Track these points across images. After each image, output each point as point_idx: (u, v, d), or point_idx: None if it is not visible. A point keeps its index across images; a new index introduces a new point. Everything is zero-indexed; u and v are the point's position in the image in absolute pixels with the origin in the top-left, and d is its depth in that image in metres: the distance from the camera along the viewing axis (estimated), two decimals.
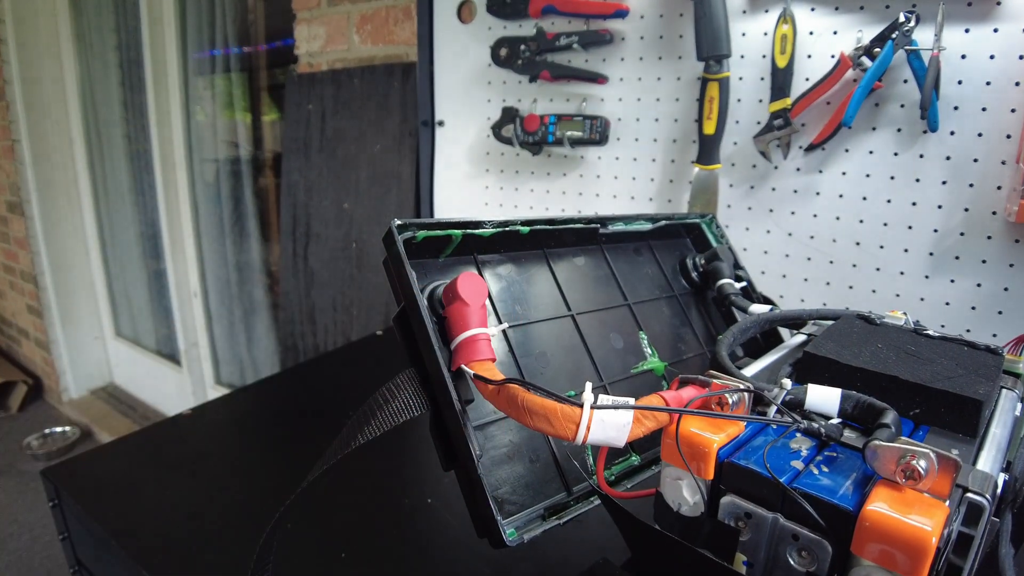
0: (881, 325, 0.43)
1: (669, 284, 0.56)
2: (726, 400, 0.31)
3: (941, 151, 0.70)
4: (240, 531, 0.51)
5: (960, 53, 0.67)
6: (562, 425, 0.29)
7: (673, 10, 0.85)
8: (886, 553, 0.24)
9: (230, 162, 2.06)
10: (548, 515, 0.37)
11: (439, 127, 1.12)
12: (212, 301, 2.23)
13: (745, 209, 0.85)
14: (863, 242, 0.77)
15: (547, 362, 0.42)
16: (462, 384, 0.33)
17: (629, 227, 0.53)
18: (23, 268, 2.57)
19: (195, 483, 0.58)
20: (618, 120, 0.93)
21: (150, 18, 2.02)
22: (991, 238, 0.69)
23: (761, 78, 0.80)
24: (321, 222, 1.42)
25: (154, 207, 2.25)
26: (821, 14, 0.75)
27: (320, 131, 1.39)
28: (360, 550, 0.48)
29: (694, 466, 0.30)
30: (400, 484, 0.58)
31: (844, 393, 0.32)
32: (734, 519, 0.29)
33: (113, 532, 0.51)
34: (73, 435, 2.41)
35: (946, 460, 0.25)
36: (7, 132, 2.36)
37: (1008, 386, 0.38)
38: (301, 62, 1.46)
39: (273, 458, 0.67)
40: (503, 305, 0.42)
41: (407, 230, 0.36)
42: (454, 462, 0.35)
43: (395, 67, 1.26)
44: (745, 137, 0.83)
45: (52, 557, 1.73)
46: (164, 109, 2.08)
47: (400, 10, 1.25)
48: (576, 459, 0.40)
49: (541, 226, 0.44)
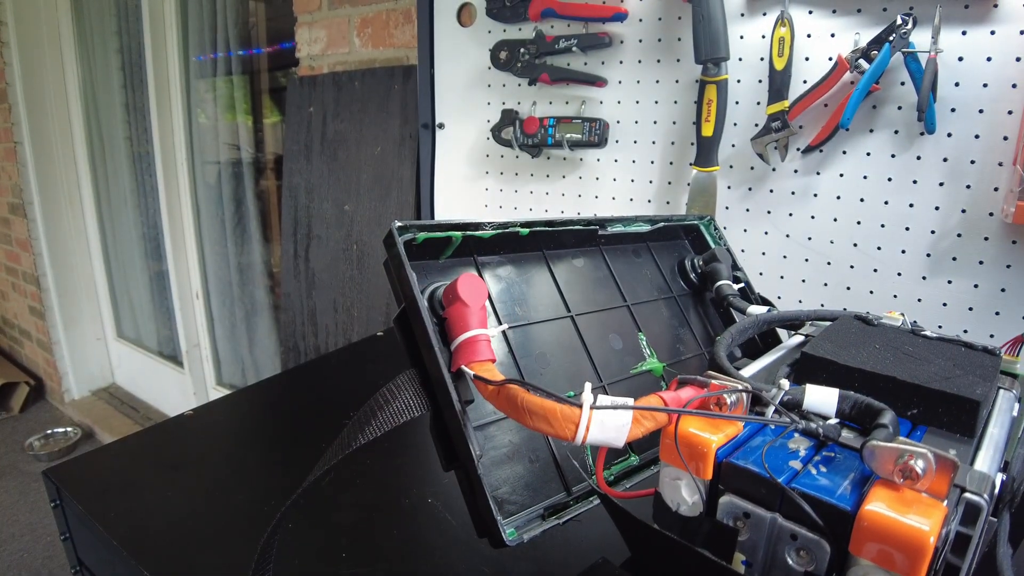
0: (879, 326, 0.44)
1: (668, 285, 0.56)
2: (724, 400, 0.31)
3: (938, 153, 0.70)
4: (241, 531, 0.51)
5: (957, 55, 0.67)
6: (561, 425, 0.29)
7: (671, 13, 0.86)
8: (884, 553, 0.24)
9: (232, 164, 2.06)
10: (548, 515, 0.37)
11: (439, 129, 1.13)
12: (214, 302, 2.24)
13: (743, 211, 0.85)
14: (861, 243, 0.77)
15: (547, 363, 0.43)
16: (462, 385, 0.34)
17: (628, 229, 0.53)
18: (25, 269, 2.58)
19: (197, 484, 0.59)
20: (617, 122, 0.94)
21: (152, 21, 2.02)
22: (988, 239, 0.69)
23: (759, 80, 0.80)
24: (322, 224, 1.42)
25: (156, 209, 2.25)
26: (819, 17, 0.75)
27: (321, 133, 1.39)
28: (360, 550, 0.48)
29: (693, 466, 0.30)
30: (400, 484, 0.58)
31: (842, 393, 0.32)
32: (733, 519, 0.29)
33: (115, 532, 0.51)
34: (75, 436, 2.42)
35: (944, 460, 0.25)
36: (9, 134, 2.36)
37: (1005, 386, 0.38)
38: (302, 65, 1.46)
39: (274, 459, 0.68)
40: (503, 306, 0.42)
41: (407, 232, 0.36)
42: (454, 462, 0.35)
43: (395, 70, 1.26)
44: (743, 139, 0.83)
45: (53, 557, 1.73)
46: (166, 111, 2.09)
47: (400, 13, 1.25)
48: (575, 459, 0.40)
49: (540, 228, 0.45)
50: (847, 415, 0.32)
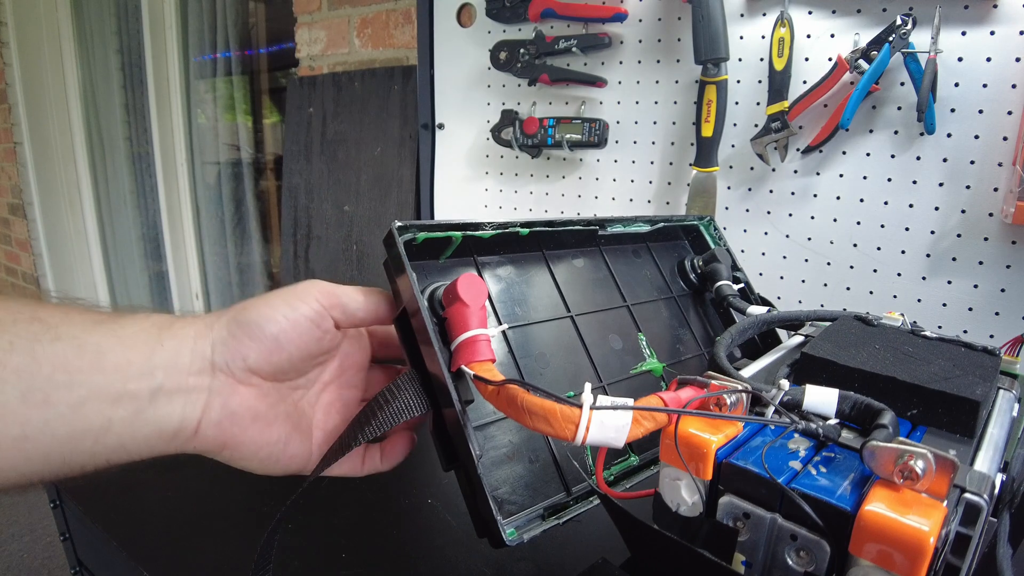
0: (878, 326, 0.44)
1: (667, 286, 0.56)
2: (724, 401, 0.31)
3: (938, 153, 0.71)
4: (241, 531, 0.51)
5: (957, 56, 0.67)
6: (561, 426, 0.29)
7: (671, 14, 0.86)
8: (884, 553, 0.24)
9: (231, 165, 2.07)
10: (548, 515, 0.37)
11: (439, 130, 1.13)
12: (213, 303, 2.24)
13: (743, 211, 0.85)
14: (860, 244, 0.77)
15: (547, 363, 0.43)
16: (462, 385, 0.34)
17: (628, 229, 0.53)
18: (25, 270, 2.58)
19: (196, 483, 0.59)
20: (617, 123, 0.94)
21: (152, 21, 2.02)
22: (988, 240, 0.69)
23: (759, 81, 0.80)
24: (322, 224, 1.42)
25: (156, 209, 2.25)
26: (818, 17, 0.75)
27: (321, 134, 1.39)
28: (360, 550, 0.48)
29: (692, 466, 0.30)
30: (400, 484, 0.58)
31: (842, 394, 0.32)
32: (732, 519, 0.29)
33: (115, 532, 0.51)
34: None
35: (944, 460, 0.25)
36: (9, 135, 2.36)
37: (1005, 387, 0.38)
38: (302, 65, 1.46)
39: None
40: (503, 306, 0.42)
41: (407, 232, 0.36)
42: (454, 462, 0.35)
43: (395, 70, 1.26)
44: (743, 140, 0.83)
45: (53, 558, 1.73)
46: (166, 112, 2.09)
47: (400, 14, 1.26)
48: (575, 460, 0.40)
49: (540, 228, 0.45)
50: (847, 415, 0.32)
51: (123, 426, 0.28)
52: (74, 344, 0.27)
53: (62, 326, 0.27)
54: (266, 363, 0.32)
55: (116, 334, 0.29)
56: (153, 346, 0.29)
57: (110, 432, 0.28)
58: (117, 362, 0.28)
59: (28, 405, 0.26)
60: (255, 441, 0.33)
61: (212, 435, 0.31)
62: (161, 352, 0.29)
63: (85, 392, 0.27)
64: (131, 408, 0.28)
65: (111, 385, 0.28)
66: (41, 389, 0.26)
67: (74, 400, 0.27)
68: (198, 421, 0.31)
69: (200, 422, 0.31)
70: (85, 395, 0.27)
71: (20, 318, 0.27)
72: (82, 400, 0.27)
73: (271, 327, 0.32)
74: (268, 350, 0.32)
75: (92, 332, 0.28)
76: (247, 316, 0.32)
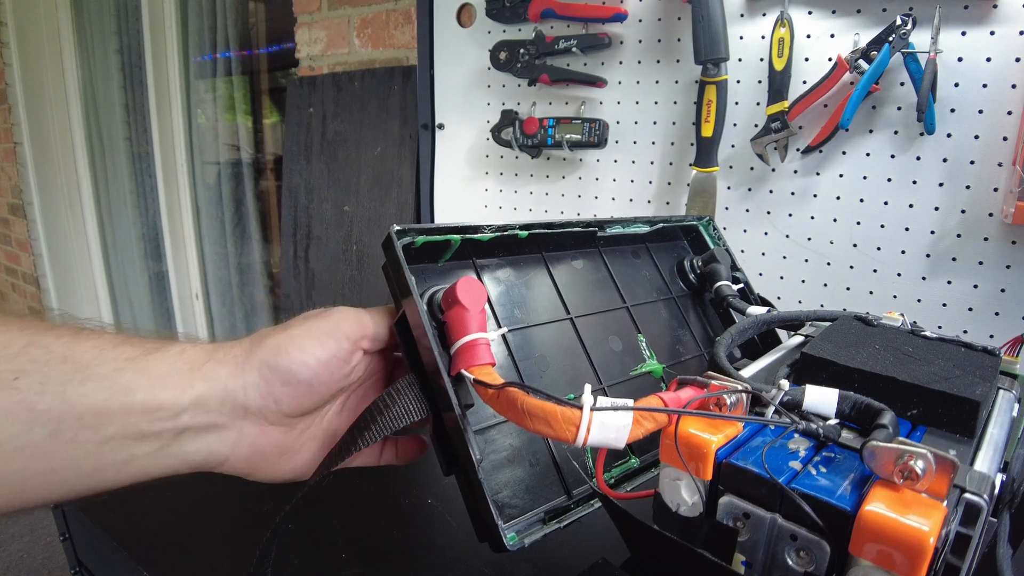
0: (878, 326, 0.44)
1: (667, 286, 0.56)
2: (724, 401, 0.31)
3: (938, 153, 0.71)
4: (241, 532, 0.52)
5: (957, 56, 0.67)
6: (562, 427, 0.29)
7: (671, 14, 0.86)
8: (884, 553, 0.24)
9: (231, 165, 2.07)
10: (548, 519, 0.37)
11: (439, 130, 1.13)
12: (213, 303, 2.23)
13: (743, 211, 0.85)
14: (860, 244, 0.77)
15: (546, 365, 0.43)
16: (462, 389, 0.34)
17: (627, 230, 0.53)
18: (25, 270, 2.58)
19: (196, 484, 0.59)
20: (617, 123, 0.94)
21: (151, 21, 2.02)
22: (988, 240, 0.69)
23: (759, 81, 0.80)
24: (322, 224, 1.42)
25: (156, 209, 2.25)
26: (818, 17, 0.75)
27: (321, 134, 1.39)
28: (360, 550, 0.48)
29: (692, 467, 0.30)
30: (400, 484, 0.58)
31: (842, 394, 0.32)
32: (732, 519, 0.29)
33: (115, 532, 0.51)
34: None
35: (943, 460, 0.25)
36: (9, 135, 2.36)
37: (1005, 387, 0.38)
38: (302, 65, 1.46)
39: None
40: (502, 309, 0.42)
41: (406, 235, 0.36)
42: (455, 467, 0.35)
43: (395, 70, 1.26)
44: (743, 140, 0.83)
45: (53, 558, 1.73)
46: (166, 112, 2.09)
47: (400, 14, 1.26)
48: (576, 462, 0.40)
49: (539, 230, 0.45)
50: (847, 415, 0.32)
51: (147, 460, 0.29)
52: (104, 385, 0.28)
53: (93, 365, 0.28)
54: (298, 407, 0.33)
55: (147, 374, 0.29)
56: (184, 388, 0.30)
57: (133, 464, 0.29)
58: (146, 404, 0.29)
59: (56, 443, 0.26)
60: (281, 469, 0.34)
61: (239, 468, 0.33)
62: (191, 393, 0.30)
63: (112, 432, 0.28)
64: (156, 445, 0.29)
65: (137, 425, 0.28)
66: (70, 429, 0.27)
67: (100, 439, 0.27)
68: (226, 458, 0.32)
69: (228, 458, 0.32)
70: (111, 434, 0.28)
71: (52, 357, 0.27)
72: (108, 439, 0.28)
73: (304, 373, 0.32)
74: (301, 394, 0.33)
75: (123, 371, 0.28)
76: (279, 362, 0.32)
